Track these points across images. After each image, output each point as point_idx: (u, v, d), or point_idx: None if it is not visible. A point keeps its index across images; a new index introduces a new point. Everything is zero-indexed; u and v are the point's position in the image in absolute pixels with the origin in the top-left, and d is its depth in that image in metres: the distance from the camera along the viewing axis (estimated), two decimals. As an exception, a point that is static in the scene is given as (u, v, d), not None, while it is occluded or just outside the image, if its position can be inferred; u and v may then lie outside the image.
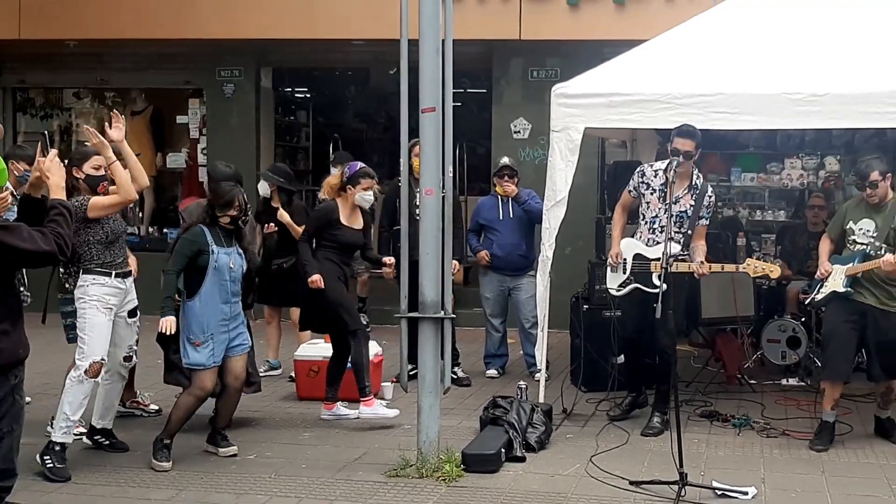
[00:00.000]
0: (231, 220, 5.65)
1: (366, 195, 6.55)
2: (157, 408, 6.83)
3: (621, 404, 6.69)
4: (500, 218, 7.97)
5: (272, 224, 7.44)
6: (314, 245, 6.66)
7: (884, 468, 5.78)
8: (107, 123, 5.74)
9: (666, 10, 9.62)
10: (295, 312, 7.37)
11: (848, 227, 6.27)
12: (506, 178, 7.99)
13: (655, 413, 6.48)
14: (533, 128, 10.46)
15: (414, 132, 5.58)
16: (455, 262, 7.52)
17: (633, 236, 6.52)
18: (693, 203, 6.22)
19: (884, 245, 6.00)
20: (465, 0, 10.09)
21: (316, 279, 6.40)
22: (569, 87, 6.72)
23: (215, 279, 5.59)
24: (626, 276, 6.35)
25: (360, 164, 6.70)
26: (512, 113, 10.73)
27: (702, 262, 6.22)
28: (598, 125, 6.78)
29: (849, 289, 6.09)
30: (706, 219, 6.49)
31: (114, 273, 5.63)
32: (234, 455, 5.91)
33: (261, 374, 7.69)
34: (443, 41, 5.47)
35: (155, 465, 5.59)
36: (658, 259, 5.93)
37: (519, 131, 10.67)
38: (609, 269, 6.48)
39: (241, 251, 5.81)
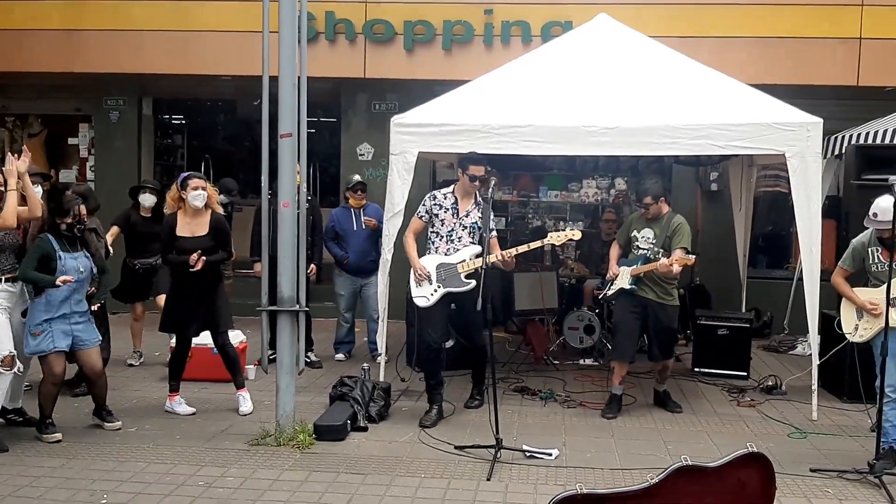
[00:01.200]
0: (67, 226, 5.57)
1: (194, 194, 6.07)
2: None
3: (429, 414, 6.17)
4: (354, 228, 8.05)
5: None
6: None
7: (661, 432, 6.11)
8: (15, 155, 5.58)
9: (485, 55, 9.96)
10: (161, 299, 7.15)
11: (633, 235, 6.57)
12: (359, 192, 8.11)
13: (475, 389, 6.60)
14: (375, 151, 10.62)
15: (274, 154, 5.62)
16: (313, 265, 7.66)
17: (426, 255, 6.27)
18: (480, 215, 6.11)
19: (661, 250, 6.31)
20: (318, 43, 10.25)
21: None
22: (405, 117, 6.83)
23: None
24: (434, 285, 6.09)
25: (188, 173, 6.42)
26: (358, 139, 10.85)
27: (503, 253, 6.01)
28: (430, 150, 6.89)
29: (633, 286, 6.38)
30: (495, 231, 6.30)
31: (3, 279, 5.52)
32: (118, 429, 5.88)
33: (133, 363, 7.68)
34: (298, 78, 5.56)
35: (45, 438, 5.55)
36: (462, 261, 6.03)
37: (364, 154, 10.80)
38: (414, 284, 6.16)
39: (88, 255, 5.73)
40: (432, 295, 6.12)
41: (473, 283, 5.90)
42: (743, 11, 9.97)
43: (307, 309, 5.78)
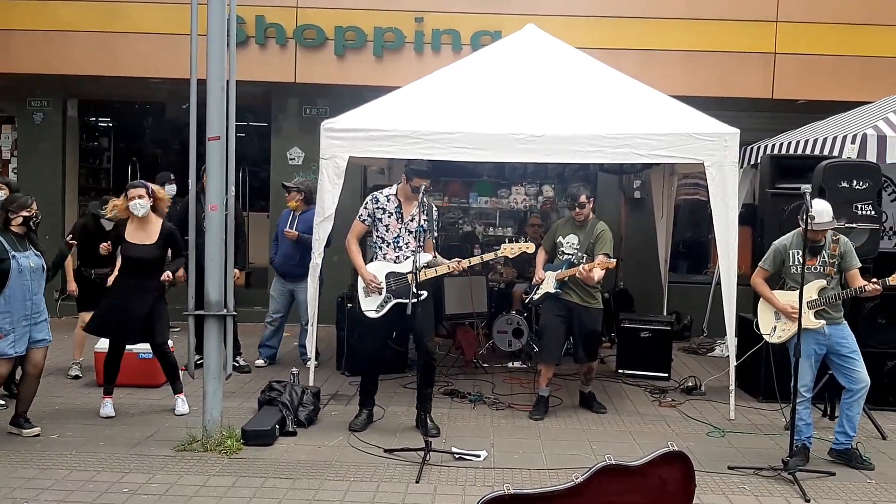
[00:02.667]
0: (23, 220, 5.50)
1: (132, 203, 6.05)
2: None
3: (358, 418, 6.09)
4: (284, 230, 7.92)
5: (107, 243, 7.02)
6: None
7: (586, 432, 6.18)
8: None
9: (416, 62, 9.98)
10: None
11: (558, 240, 6.63)
12: (287, 194, 8.02)
13: (423, 413, 5.97)
14: (306, 156, 10.50)
15: (202, 157, 5.52)
16: (237, 270, 7.56)
17: (372, 261, 6.14)
18: (426, 218, 5.90)
19: (584, 255, 6.39)
20: (248, 47, 10.12)
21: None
22: (336, 122, 6.77)
23: (18, 280, 5.43)
24: (384, 296, 5.89)
25: (135, 181, 6.35)
26: (288, 143, 10.72)
27: (458, 260, 5.95)
28: (360, 155, 6.83)
29: (558, 290, 6.44)
30: (435, 232, 6.18)
31: None
32: (38, 435, 5.67)
33: (78, 375, 7.41)
34: (227, 81, 5.46)
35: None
36: (427, 267, 5.82)
37: (294, 158, 10.67)
38: (363, 293, 5.94)
39: (38, 252, 5.63)
40: (382, 307, 5.93)
41: (425, 293, 5.77)
42: (666, 25, 10.23)
43: (235, 313, 5.68)
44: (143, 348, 6.57)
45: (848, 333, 5.43)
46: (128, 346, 6.42)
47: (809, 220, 5.23)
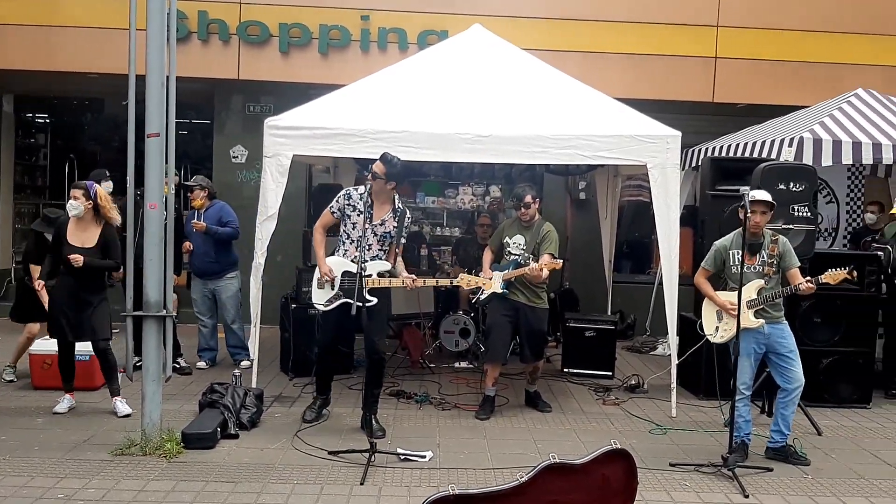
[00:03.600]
0: None
1: (68, 204, 6.01)
2: None
3: (313, 407, 6.22)
4: (194, 230, 7.79)
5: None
6: None
7: (531, 431, 6.22)
8: None
9: (362, 60, 9.93)
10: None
11: (505, 241, 6.65)
12: (189, 193, 7.95)
13: (371, 415, 5.94)
14: (249, 154, 10.38)
15: (142, 154, 5.39)
16: (179, 273, 7.50)
17: (334, 253, 6.05)
18: (396, 225, 5.90)
19: (530, 256, 6.41)
20: (190, 42, 9.96)
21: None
22: (280, 120, 6.69)
23: None
24: (334, 292, 5.89)
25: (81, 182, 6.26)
26: (231, 141, 10.57)
27: (414, 279, 5.94)
28: (304, 153, 6.77)
29: (504, 290, 6.44)
30: (404, 238, 6.10)
31: None
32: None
33: (11, 379, 7.20)
34: (167, 77, 5.37)
35: None
36: (370, 276, 5.76)
37: (237, 156, 10.54)
38: (316, 284, 5.95)
39: None
40: (329, 302, 5.92)
41: (375, 300, 5.76)
42: (610, 28, 10.35)
43: (174, 314, 5.59)
44: (80, 349, 6.41)
45: (788, 333, 5.56)
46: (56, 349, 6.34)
47: (748, 198, 5.33)
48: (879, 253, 7.51)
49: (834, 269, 5.38)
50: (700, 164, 8.49)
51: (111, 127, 11.75)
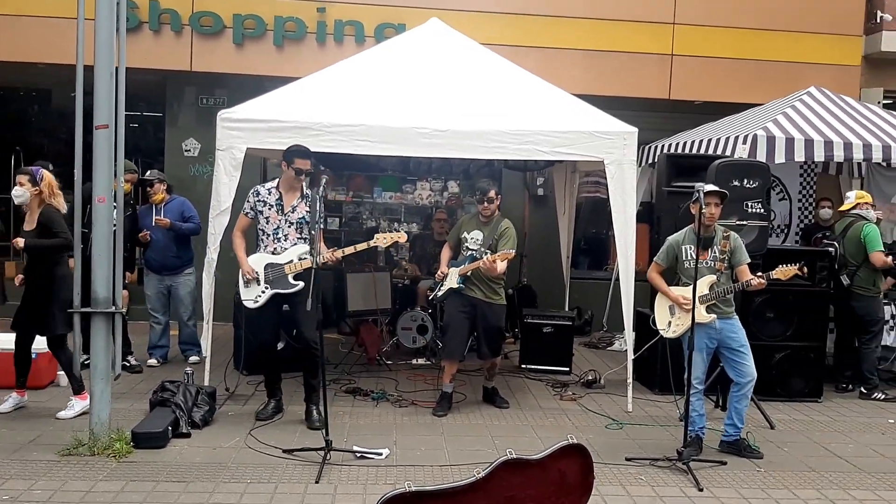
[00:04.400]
0: None
1: (13, 191, 5.92)
2: None
3: (266, 407, 6.25)
4: (154, 224, 7.71)
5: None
6: None
7: (489, 427, 6.25)
8: None
9: (318, 53, 9.86)
10: None
11: (463, 236, 6.68)
12: (147, 188, 7.86)
13: (312, 407, 6.12)
14: (202, 147, 10.24)
15: (90, 147, 5.29)
16: (127, 272, 7.36)
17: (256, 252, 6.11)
18: (308, 209, 5.94)
19: (487, 251, 6.44)
20: (141, 33, 9.79)
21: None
22: (233, 112, 6.62)
23: None
24: (262, 287, 5.95)
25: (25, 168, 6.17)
26: (184, 134, 10.42)
27: (334, 250, 5.92)
28: (258, 146, 6.68)
29: (461, 285, 6.49)
30: (321, 224, 5.88)
31: None
32: None
33: None
34: (116, 68, 5.28)
35: None
36: (290, 262, 5.92)
37: (190, 150, 10.39)
38: (242, 284, 6.00)
39: None
40: (260, 297, 5.99)
41: (301, 284, 5.81)
42: (568, 24, 10.42)
43: (124, 311, 5.50)
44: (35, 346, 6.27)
45: (738, 328, 5.66)
46: (3, 346, 6.23)
47: (701, 192, 5.42)
48: (831, 249, 7.69)
49: (785, 265, 5.49)
50: (656, 160, 8.59)
51: (58, 118, 11.50)
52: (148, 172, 8.00)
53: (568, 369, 8.23)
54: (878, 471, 5.62)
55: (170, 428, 5.61)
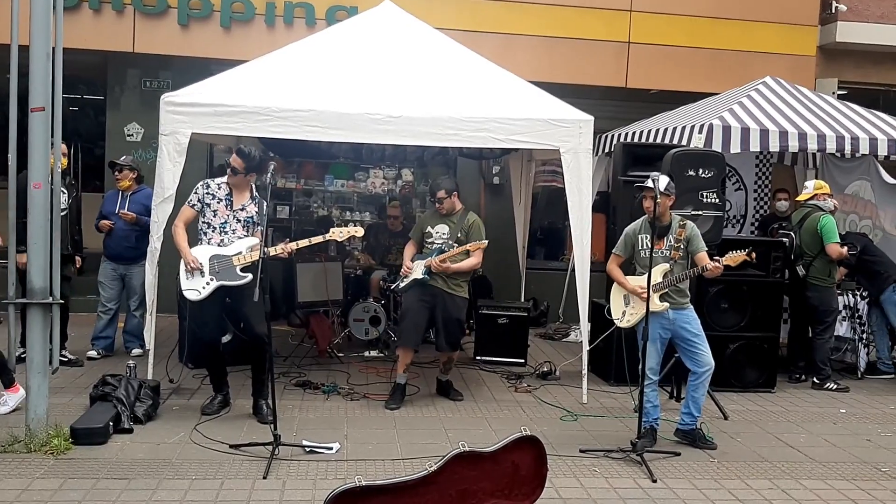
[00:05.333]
0: None
1: None
2: None
3: (213, 402, 6.18)
4: (116, 211, 7.62)
5: None
6: None
7: (443, 420, 6.27)
8: None
9: (266, 36, 9.74)
10: None
11: (426, 231, 6.69)
12: (115, 173, 7.74)
13: (261, 400, 6.09)
14: (146, 132, 10.07)
15: (26, 131, 5.16)
16: (78, 257, 7.40)
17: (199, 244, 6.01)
18: (256, 210, 5.95)
19: (455, 245, 6.49)
20: (80, 12, 9.56)
21: None
22: (177, 96, 6.52)
23: None
24: (206, 278, 5.85)
25: None
26: (126, 118, 10.23)
27: (287, 242, 5.94)
28: (204, 131, 6.58)
29: (426, 276, 6.48)
30: (263, 225, 5.85)
31: None
32: None
33: None
34: (53, 48, 5.15)
35: None
36: (238, 253, 5.85)
37: (132, 134, 10.21)
38: (185, 276, 5.88)
39: None
40: (204, 288, 5.87)
41: (249, 276, 5.75)
42: (525, 10, 10.45)
43: (62, 301, 5.39)
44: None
45: (692, 318, 5.75)
46: None
47: (654, 179, 5.50)
48: (785, 239, 7.85)
49: (734, 252, 5.59)
50: (613, 149, 8.69)
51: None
52: (122, 158, 7.85)
53: (523, 361, 8.28)
54: (829, 460, 5.76)
55: (111, 423, 5.52)
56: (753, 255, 5.62)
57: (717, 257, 5.62)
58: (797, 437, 6.29)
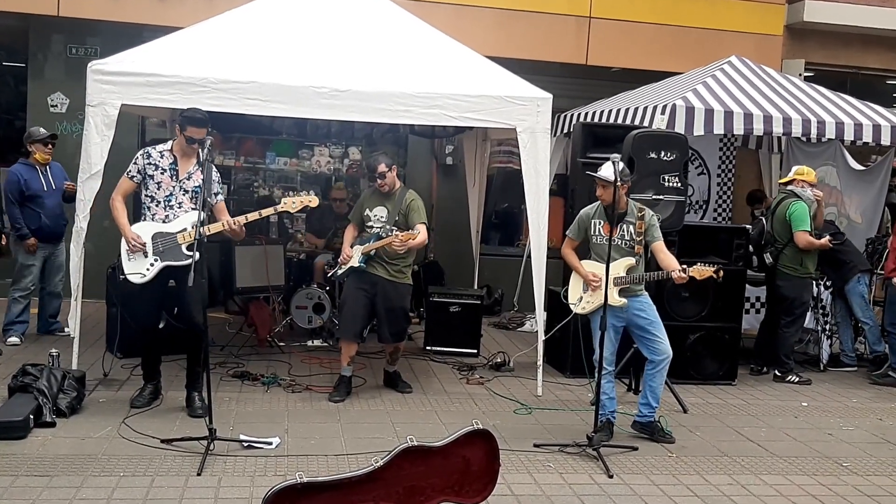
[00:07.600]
0: None
1: None
2: None
3: (142, 393, 6.10)
4: (45, 188, 7.54)
5: None
6: None
7: (390, 413, 6.28)
8: None
9: (204, 2, 9.45)
10: None
11: (366, 214, 6.63)
12: (50, 146, 7.67)
13: (194, 393, 6.02)
14: (71, 103, 9.87)
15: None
16: (3, 234, 7.33)
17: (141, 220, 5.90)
18: (203, 178, 5.67)
19: (394, 228, 6.40)
20: (-1, -31, 9.32)
21: None
22: (106, 64, 6.40)
23: None
24: (150, 259, 5.71)
25: None
26: (50, 88, 10.02)
27: (236, 220, 5.82)
28: (135, 102, 6.46)
29: (363, 264, 6.46)
30: (221, 194, 6.04)
31: None
32: None
33: None
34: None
35: None
36: (184, 230, 5.72)
37: (56, 105, 9.99)
38: (126, 257, 5.73)
39: None
40: (148, 270, 5.73)
41: (196, 255, 5.55)
42: (481, -20, 10.43)
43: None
44: None
45: (647, 305, 5.81)
46: None
47: (615, 161, 5.52)
48: (748, 226, 7.97)
49: (702, 266, 5.67)
50: (572, 130, 8.73)
51: None
52: (41, 129, 7.81)
53: (476, 351, 8.32)
54: (789, 455, 5.90)
55: (31, 416, 5.43)
56: (721, 273, 5.69)
57: (684, 266, 5.67)
58: (758, 430, 6.43)
